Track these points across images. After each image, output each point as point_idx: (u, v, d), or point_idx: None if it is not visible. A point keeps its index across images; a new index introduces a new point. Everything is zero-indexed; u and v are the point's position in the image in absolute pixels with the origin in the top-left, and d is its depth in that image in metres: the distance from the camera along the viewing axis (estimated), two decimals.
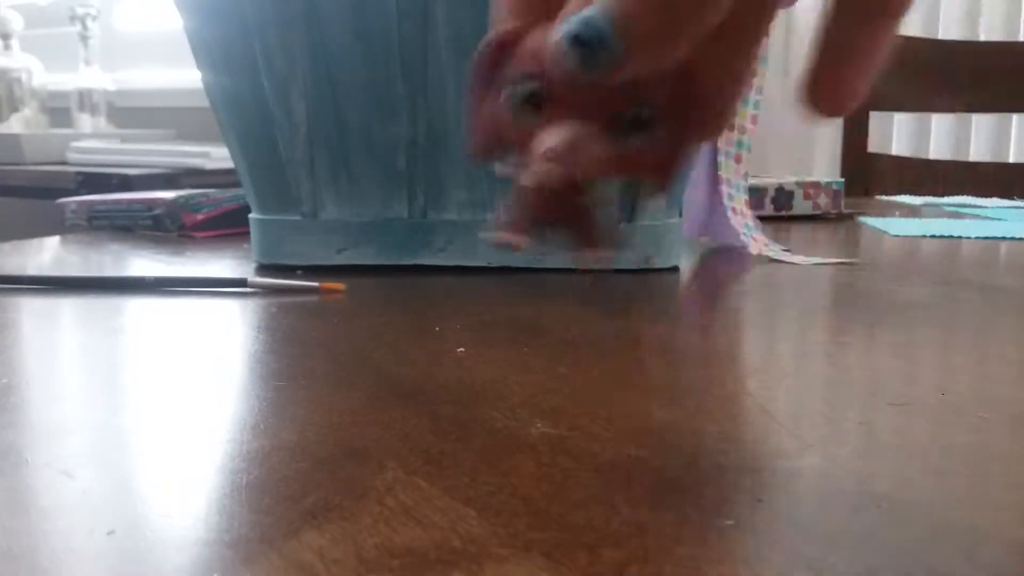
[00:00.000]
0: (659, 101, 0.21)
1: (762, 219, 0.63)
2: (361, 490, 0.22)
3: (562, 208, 0.22)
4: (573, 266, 0.40)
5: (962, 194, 1.24)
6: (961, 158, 1.58)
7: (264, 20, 0.52)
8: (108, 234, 0.75)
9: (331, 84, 0.52)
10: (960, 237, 0.78)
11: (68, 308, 0.46)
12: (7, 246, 0.68)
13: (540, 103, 0.20)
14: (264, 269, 0.56)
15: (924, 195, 1.22)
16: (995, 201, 1.16)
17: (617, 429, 0.27)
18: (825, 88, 0.21)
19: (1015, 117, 1.58)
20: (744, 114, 0.60)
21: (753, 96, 0.60)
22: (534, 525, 0.20)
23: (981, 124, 1.61)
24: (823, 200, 0.91)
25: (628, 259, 0.52)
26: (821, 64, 0.21)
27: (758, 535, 0.20)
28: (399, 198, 0.55)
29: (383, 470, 0.23)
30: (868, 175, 1.38)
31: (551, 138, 0.20)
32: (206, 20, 0.54)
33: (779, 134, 1.45)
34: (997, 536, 0.20)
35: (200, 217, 0.73)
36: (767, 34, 0.23)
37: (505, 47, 0.21)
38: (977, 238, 0.77)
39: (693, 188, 0.64)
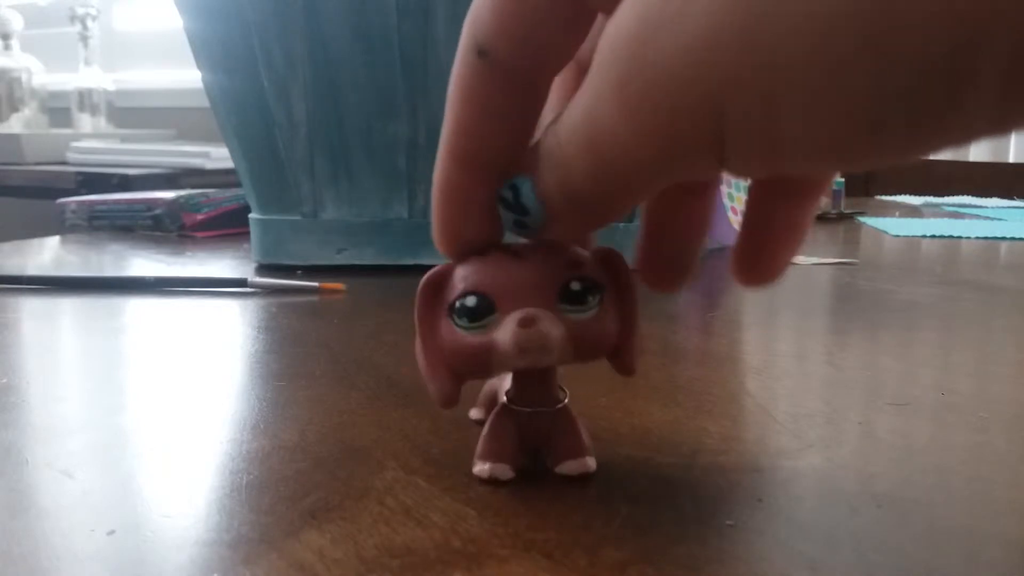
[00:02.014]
0: (598, 274, 0.21)
1: None
2: (361, 490, 0.22)
3: (539, 428, 0.22)
4: None
5: (962, 194, 1.24)
6: (961, 158, 1.58)
7: (264, 20, 0.52)
8: (108, 234, 0.75)
9: (331, 84, 0.52)
10: (960, 237, 0.78)
11: (68, 308, 0.46)
12: (7, 246, 0.68)
13: (488, 310, 0.20)
14: (264, 269, 0.56)
15: (924, 195, 1.22)
16: (995, 201, 1.16)
17: (617, 429, 0.27)
18: (751, 264, 0.22)
19: None
20: None
21: None
22: (534, 525, 0.20)
23: None
24: (823, 200, 0.91)
25: (628, 259, 0.52)
26: (747, 242, 0.22)
27: (758, 535, 0.20)
28: (399, 198, 0.55)
29: (383, 470, 0.23)
30: (868, 175, 1.38)
31: (513, 320, 0.20)
32: (206, 20, 0.54)
33: None
34: (997, 536, 0.20)
35: (200, 217, 0.73)
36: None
37: (440, 281, 0.22)
38: (977, 238, 0.77)
39: None
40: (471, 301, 0.20)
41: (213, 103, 0.57)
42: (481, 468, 0.22)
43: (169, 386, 0.32)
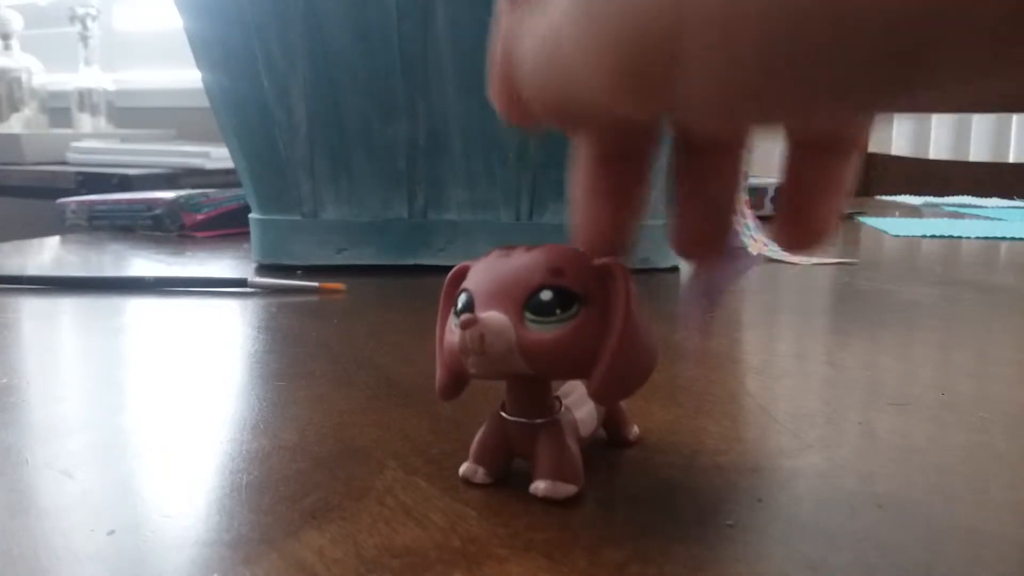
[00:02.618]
0: (582, 286, 0.20)
1: (762, 219, 0.63)
2: (361, 490, 0.22)
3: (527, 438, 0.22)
4: None
5: (962, 194, 1.24)
6: (961, 158, 1.58)
7: (264, 20, 0.52)
8: (108, 234, 0.75)
9: (331, 84, 0.52)
10: (960, 237, 0.78)
11: (68, 308, 0.46)
12: (7, 246, 0.68)
13: (468, 309, 0.20)
14: (264, 269, 0.56)
15: (924, 195, 1.22)
16: (995, 201, 1.16)
17: None
18: (796, 228, 0.21)
19: (1015, 117, 1.58)
20: None
21: None
22: (534, 525, 0.20)
23: (981, 124, 1.61)
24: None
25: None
26: (788, 206, 0.21)
27: (758, 535, 0.20)
28: (399, 198, 0.55)
29: (383, 470, 0.23)
30: (868, 175, 1.38)
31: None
32: (206, 20, 0.54)
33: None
34: (997, 536, 0.20)
35: (200, 217, 0.73)
36: None
37: (459, 276, 0.22)
38: (977, 238, 0.77)
39: None
40: (462, 298, 0.21)
41: (213, 103, 0.57)
42: (461, 467, 0.23)
43: (169, 386, 0.32)
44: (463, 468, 0.22)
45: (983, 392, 0.31)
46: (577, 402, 0.23)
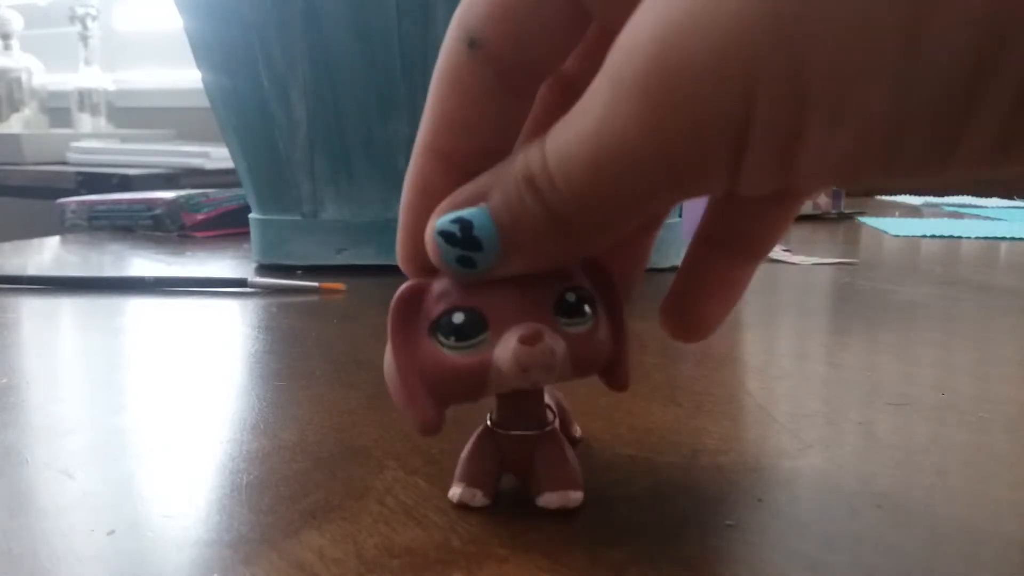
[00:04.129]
0: (588, 285, 0.20)
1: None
2: (361, 490, 0.22)
3: (521, 453, 0.21)
4: None
5: (962, 194, 1.24)
6: None
7: (264, 20, 0.52)
8: (108, 234, 0.75)
9: (331, 84, 0.52)
10: (960, 237, 0.78)
11: (68, 308, 0.46)
12: (7, 246, 0.68)
13: (479, 327, 0.19)
14: (264, 269, 0.56)
15: (924, 195, 1.22)
16: (995, 201, 1.16)
17: (617, 429, 0.27)
18: (684, 318, 0.21)
19: None
20: None
21: None
22: (534, 525, 0.20)
23: None
24: (823, 200, 0.91)
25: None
26: (683, 294, 0.21)
27: (758, 535, 0.20)
28: (399, 198, 0.55)
29: (383, 470, 0.23)
30: None
31: (513, 336, 0.18)
32: (206, 20, 0.54)
33: None
34: (997, 536, 0.20)
35: (200, 217, 0.73)
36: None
37: (416, 296, 0.20)
38: (977, 238, 0.77)
39: None
40: (459, 318, 0.19)
41: (213, 103, 0.57)
42: (454, 492, 0.21)
43: (169, 386, 0.32)
44: (459, 493, 0.21)
45: (983, 392, 0.31)
46: None
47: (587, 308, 0.19)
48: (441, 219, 0.18)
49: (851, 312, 0.46)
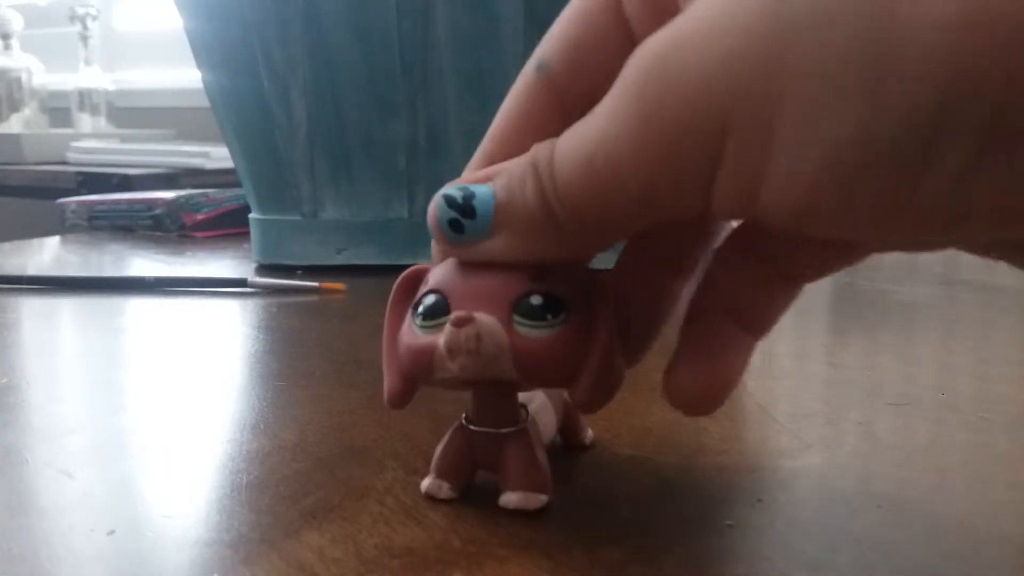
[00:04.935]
0: (568, 291, 0.19)
1: None
2: (361, 490, 0.22)
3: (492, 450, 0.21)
4: None
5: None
6: None
7: (264, 20, 0.52)
8: (108, 234, 0.75)
9: (331, 84, 0.52)
10: None
11: (68, 308, 0.46)
12: (7, 246, 0.68)
13: (443, 309, 0.19)
14: (264, 269, 0.56)
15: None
16: None
17: (617, 429, 0.27)
18: (688, 391, 0.20)
19: None
20: None
21: None
22: (534, 525, 0.20)
23: None
24: None
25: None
26: (686, 365, 0.20)
27: (758, 535, 0.20)
28: (399, 198, 0.55)
29: (383, 470, 0.23)
30: None
31: (451, 328, 0.19)
32: (206, 20, 0.54)
33: None
34: (997, 536, 0.20)
35: (200, 217, 0.73)
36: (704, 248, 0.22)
37: (416, 278, 0.21)
38: None
39: None
40: (429, 300, 0.20)
41: (213, 103, 0.57)
42: (424, 482, 0.22)
43: (169, 386, 0.32)
44: (426, 484, 0.21)
45: (983, 392, 0.31)
46: (538, 409, 0.23)
47: (550, 316, 0.19)
48: (451, 186, 0.19)
49: (851, 312, 0.46)
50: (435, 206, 0.19)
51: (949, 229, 0.14)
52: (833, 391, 0.31)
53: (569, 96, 0.19)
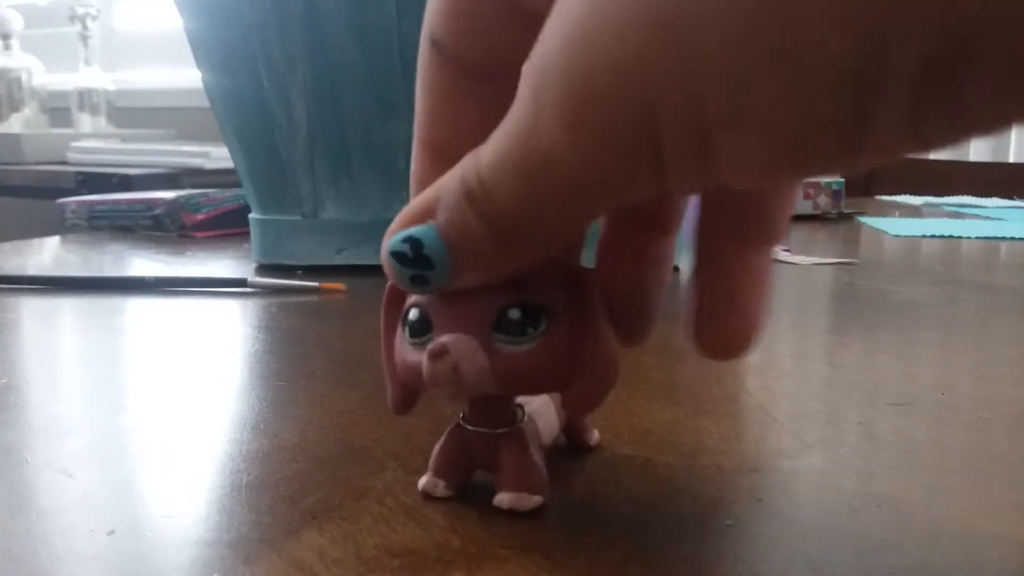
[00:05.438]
0: (549, 297, 0.19)
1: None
2: (361, 490, 0.22)
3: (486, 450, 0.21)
4: None
5: (962, 194, 1.24)
6: (961, 158, 1.58)
7: (264, 20, 0.52)
8: (108, 234, 0.75)
9: (331, 84, 0.52)
10: (960, 237, 0.78)
11: (68, 308, 0.46)
12: (7, 246, 0.68)
13: (426, 327, 0.19)
14: (264, 269, 0.56)
15: (924, 195, 1.22)
16: (995, 201, 1.16)
17: (617, 429, 0.27)
18: (715, 336, 0.20)
19: None
20: None
21: None
22: (534, 525, 0.20)
23: None
24: (823, 200, 0.91)
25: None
26: (705, 311, 0.20)
27: (758, 535, 0.20)
28: (399, 198, 0.55)
29: (383, 470, 0.23)
30: (868, 175, 1.38)
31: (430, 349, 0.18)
32: (206, 20, 0.54)
33: None
34: (997, 536, 0.20)
35: (200, 217, 0.73)
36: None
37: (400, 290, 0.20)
38: (977, 238, 0.77)
39: None
40: (413, 315, 0.19)
41: (213, 103, 0.57)
42: (421, 480, 0.22)
43: (169, 386, 0.32)
44: (423, 482, 0.21)
45: (983, 392, 0.31)
46: (538, 409, 0.22)
47: (530, 328, 0.19)
48: (392, 239, 0.18)
49: (851, 312, 0.46)
50: (389, 266, 0.18)
51: (915, 151, 0.14)
52: (833, 391, 0.31)
53: (469, 62, 0.19)
